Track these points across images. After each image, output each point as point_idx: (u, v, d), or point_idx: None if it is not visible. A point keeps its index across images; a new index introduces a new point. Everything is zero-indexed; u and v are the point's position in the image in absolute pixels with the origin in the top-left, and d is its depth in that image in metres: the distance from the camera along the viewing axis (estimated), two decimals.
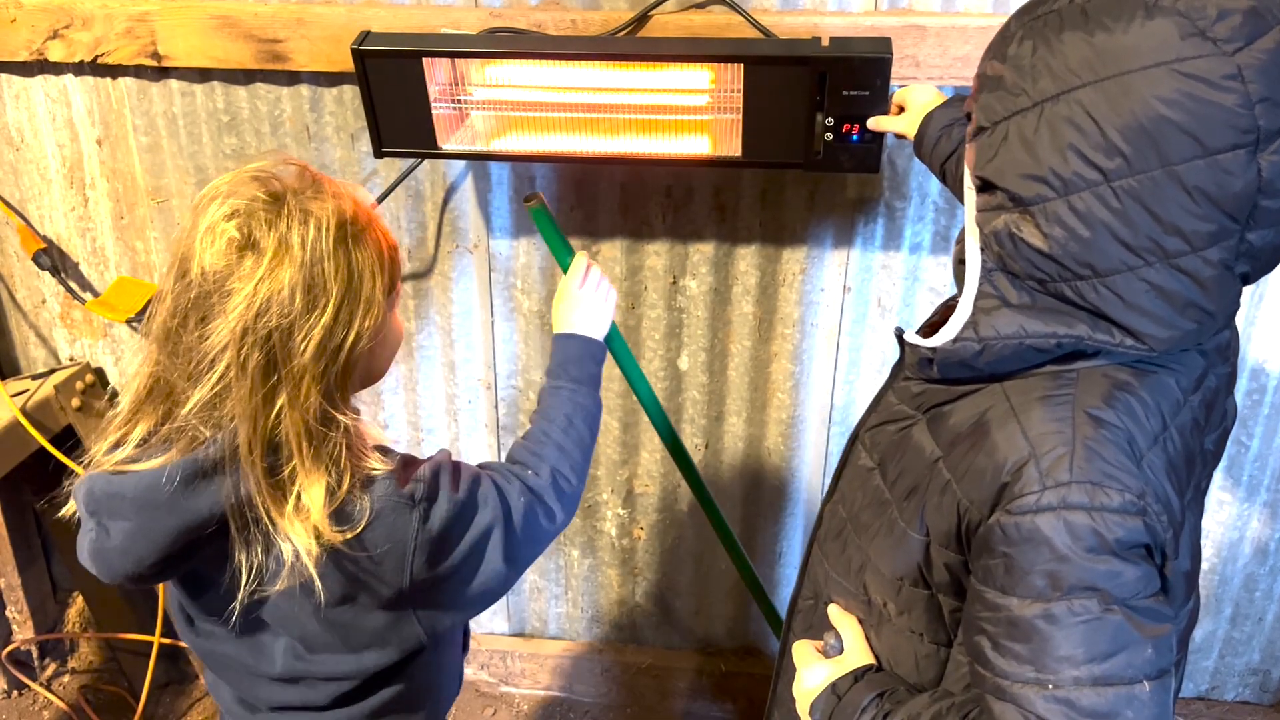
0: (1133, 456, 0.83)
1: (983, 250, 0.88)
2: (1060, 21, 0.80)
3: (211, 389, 0.96)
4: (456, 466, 1.09)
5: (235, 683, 1.15)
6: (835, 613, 1.10)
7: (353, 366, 1.01)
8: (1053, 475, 0.82)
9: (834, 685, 1.04)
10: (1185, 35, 0.75)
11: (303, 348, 0.96)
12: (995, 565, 0.85)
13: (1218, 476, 1.90)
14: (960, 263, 0.92)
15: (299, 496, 0.98)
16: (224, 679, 1.16)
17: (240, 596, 1.01)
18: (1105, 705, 0.80)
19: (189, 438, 0.98)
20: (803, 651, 1.10)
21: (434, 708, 1.23)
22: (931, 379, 0.95)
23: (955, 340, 0.89)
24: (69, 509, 1.03)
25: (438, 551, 1.04)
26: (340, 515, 0.99)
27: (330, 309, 0.97)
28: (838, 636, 1.08)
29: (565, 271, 1.40)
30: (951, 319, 0.91)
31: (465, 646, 1.32)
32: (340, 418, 1.00)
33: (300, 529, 0.97)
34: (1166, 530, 0.83)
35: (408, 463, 1.06)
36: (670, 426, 1.67)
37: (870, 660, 1.05)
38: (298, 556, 0.98)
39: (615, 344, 1.53)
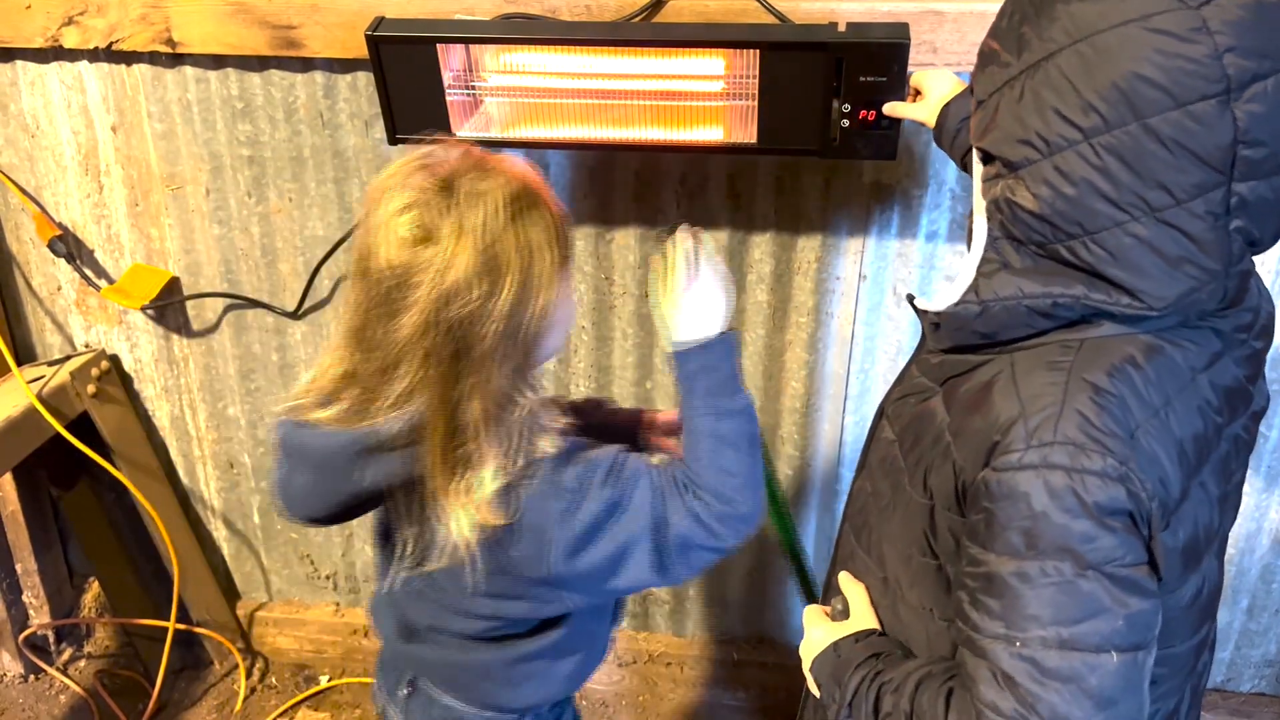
0: (1124, 425, 0.83)
1: (988, 220, 0.91)
2: None
3: (403, 382, 0.98)
4: (622, 462, 1.06)
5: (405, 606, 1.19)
6: (845, 579, 1.14)
7: (532, 344, 1.01)
8: (1038, 435, 0.83)
9: (836, 645, 1.07)
10: None
11: (487, 330, 0.97)
12: (978, 521, 0.87)
13: None
14: (972, 234, 0.95)
15: (470, 477, 1.00)
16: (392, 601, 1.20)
17: (394, 572, 1.08)
18: (1068, 669, 0.81)
19: (373, 419, 1.01)
20: (811, 615, 1.15)
21: (585, 657, 1.25)
22: (945, 348, 0.97)
23: (958, 303, 0.92)
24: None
25: (579, 547, 1.04)
26: (501, 497, 1.01)
27: (510, 290, 0.97)
28: (845, 602, 1.12)
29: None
30: (955, 283, 0.94)
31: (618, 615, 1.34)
32: (520, 399, 1.01)
33: (464, 510, 1.00)
34: (1152, 500, 0.83)
35: (575, 449, 1.06)
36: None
37: (874, 625, 1.08)
38: (456, 538, 1.01)
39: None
